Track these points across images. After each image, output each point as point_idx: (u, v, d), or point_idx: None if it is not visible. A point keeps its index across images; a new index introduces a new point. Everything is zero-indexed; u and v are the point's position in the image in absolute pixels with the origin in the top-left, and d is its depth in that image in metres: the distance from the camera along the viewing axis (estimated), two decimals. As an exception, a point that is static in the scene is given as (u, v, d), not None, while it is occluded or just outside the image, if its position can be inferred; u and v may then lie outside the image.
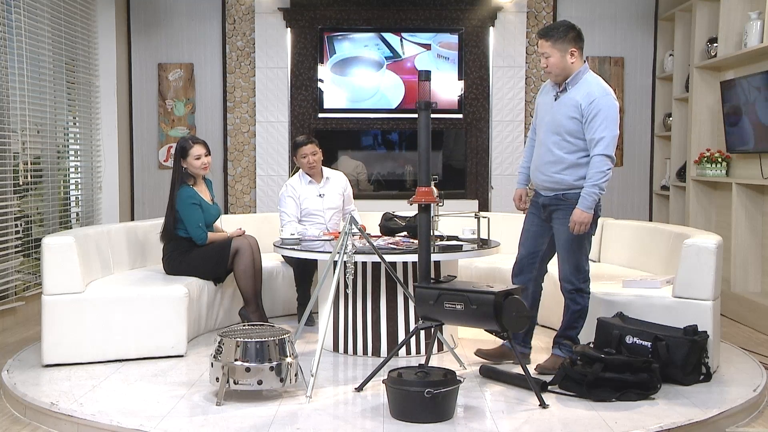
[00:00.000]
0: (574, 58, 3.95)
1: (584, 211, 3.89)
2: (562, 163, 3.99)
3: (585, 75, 3.99)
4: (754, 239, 5.93)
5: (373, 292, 4.41)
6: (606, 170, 3.87)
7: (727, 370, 4.20)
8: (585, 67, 4.00)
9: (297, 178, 5.40)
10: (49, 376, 4.07)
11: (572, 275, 4.03)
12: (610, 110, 3.88)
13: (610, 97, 3.93)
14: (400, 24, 7.55)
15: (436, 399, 3.29)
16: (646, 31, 7.72)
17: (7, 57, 5.58)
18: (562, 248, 4.05)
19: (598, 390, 3.63)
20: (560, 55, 3.94)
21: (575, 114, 3.93)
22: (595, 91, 3.91)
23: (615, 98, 3.96)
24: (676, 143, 7.22)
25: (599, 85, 3.97)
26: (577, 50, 3.95)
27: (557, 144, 3.99)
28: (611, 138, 3.87)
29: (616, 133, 3.90)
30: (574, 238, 3.97)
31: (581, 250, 4.02)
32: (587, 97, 3.90)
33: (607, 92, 3.94)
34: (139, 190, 7.75)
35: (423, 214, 3.87)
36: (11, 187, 5.59)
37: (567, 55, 3.94)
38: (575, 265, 4.02)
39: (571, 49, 3.94)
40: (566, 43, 3.94)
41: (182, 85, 7.66)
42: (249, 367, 3.51)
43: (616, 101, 3.96)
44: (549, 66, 3.98)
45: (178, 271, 4.81)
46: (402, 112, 7.59)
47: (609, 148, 3.87)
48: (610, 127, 3.87)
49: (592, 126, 3.88)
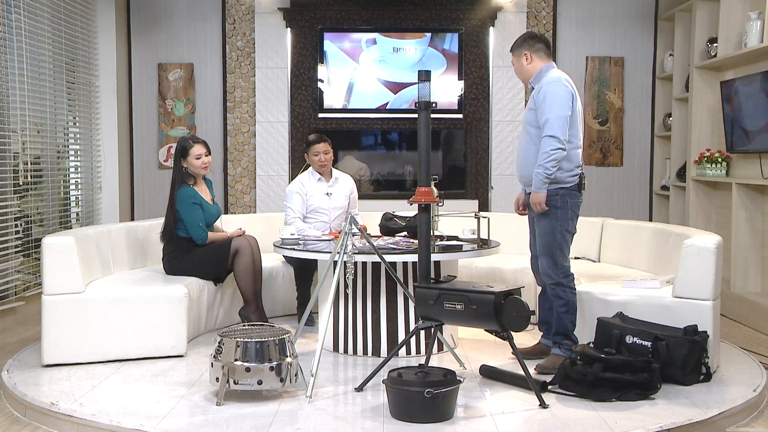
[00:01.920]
0: (530, 61, 4.21)
1: (535, 191, 4.06)
2: (528, 157, 4.16)
3: (548, 72, 4.18)
4: (754, 239, 5.93)
5: (373, 292, 4.41)
6: (550, 151, 3.98)
7: (727, 370, 4.20)
8: (548, 66, 4.21)
9: (306, 175, 5.43)
10: (49, 376, 4.07)
11: (550, 269, 4.13)
12: (555, 94, 4.06)
13: (558, 83, 4.09)
14: (400, 24, 7.56)
15: (436, 399, 3.29)
16: (646, 31, 7.72)
17: (7, 57, 5.58)
18: (539, 242, 4.20)
19: (598, 390, 3.63)
20: (517, 60, 4.27)
21: (532, 105, 4.15)
22: (546, 79, 4.13)
23: (567, 83, 4.11)
24: (676, 143, 7.22)
25: (555, 74, 4.16)
26: (530, 53, 4.21)
27: (525, 138, 4.23)
28: (555, 118, 4.00)
29: (562, 114, 4.02)
30: (548, 232, 4.11)
31: (555, 244, 4.12)
32: (539, 86, 4.14)
33: (557, 79, 4.11)
34: (139, 190, 7.75)
35: (423, 214, 3.87)
36: (11, 187, 5.59)
37: (522, 59, 4.24)
38: (552, 259, 4.13)
39: (524, 52, 4.22)
40: (520, 49, 4.25)
41: (182, 85, 7.66)
42: (249, 367, 3.51)
43: (568, 86, 4.10)
44: (516, 72, 4.32)
45: (178, 271, 4.81)
46: (402, 112, 7.59)
47: (554, 128, 3.99)
48: (554, 108, 4.02)
49: (540, 110, 4.07)
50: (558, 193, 4.08)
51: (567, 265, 4.16)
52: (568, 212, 4.11)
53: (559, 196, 4.08)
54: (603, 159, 7.73)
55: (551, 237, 4.11)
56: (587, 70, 7.70)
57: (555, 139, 3.98)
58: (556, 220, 4.10)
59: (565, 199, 4.09)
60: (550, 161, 3.99)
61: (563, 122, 4.00)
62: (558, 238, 4.10)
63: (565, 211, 4.10)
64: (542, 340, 4.39)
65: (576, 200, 4.14)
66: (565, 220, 4.10)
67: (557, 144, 3.98)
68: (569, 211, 4.11)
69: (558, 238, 4.10)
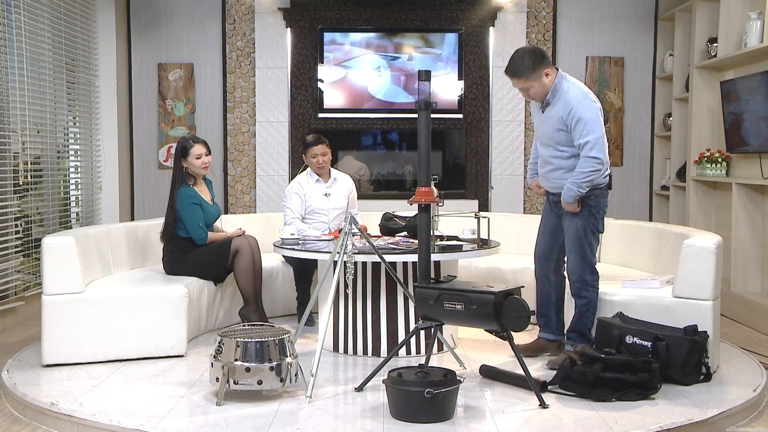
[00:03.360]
0: (549, 77, 4.10)
1: (566, 202, 4.10)
2: (561, 168, 4.18)
3: (562, 85, 4.12)
4: (754, 239, 5.92)
5: (373, 292, 4.41)
6: (589, 171, 4.01)
7: (727, 370, 4.20)
8: (560, 76, 4.14)
9: (305, 176, 5.42)
10: (49, 376, 4.07)
11: (578, 266, 4.14)
12: (589, 114, 4.02)
13: (587, 100, 4.05)
14: (400, 24, 7.55)
15: (436, 399, 3.29)
16: (646, 31, 7.72)
17: (7, 57, 5.58)
18: (569, 240, 4.21)
19: (598, 390, 3.63)
20: (538, 82, 4.09)
21: (561, 126, 4.10)
22: (572, 100, 4.05)
23: (593, 99, 4.10)
24: (676, 143, 7.22)
25: (577, 90, 4.09)
26: (548, 68, 4.09)
27: (552, 155, 4.21)
28: (594, 140, 3.99)
29: (600, 133, 4.02)
30: (580, 229, 4.13)
31: (586, 242, 4.16)
32: (566, 107, 4.05)
33: (584, 96, 4.07)
34: (139, 190, 7.75)
35: (423, 214, 3.87)
36: (11, 187, 5.59)
37: (543, 78, 4.09)
38: (581, 256, 4.14)
39: (544, 71, 4.08)
40: (538, 70, 4.07)
41: (182, 85, 7.66)
42: (249, 367, 3.51)
43: (595, 101, 4.09)
44: (533, 95, 4.16)
45: (178, 271, 4.81)
46: (402, 112, 7.59)
47: (594, 150, 4.00)
48: (592, 129, 4.00)
49: (576, 133, 4.03)
50: (593, 193, 4.13)
51: (594, 262, 4.19)
52: (600, 212, 4.18)
53: (594, 197, 4.14)
54: (603, 159, 7.72)
55: (583, 234, 4.15)
56: (587, 70, 7.70)
57: (597, 160, 4.00)
58: (588, 220, 4.15)
59: (599, 200, 4.16)
60: (586, 181, 4.03)
61: (603, 141, 4.03)
62: (589, 236, 4.16)
63: (597, 211, 4.16)
64: (541, 335, 4.41)
65: (606, 200, 4.22)
66: (597, 220, 4.18)
67: (598, 165, 4.01)
68: (601, 210, 4.19)
69: (589, 236, 4.16)
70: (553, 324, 4.40)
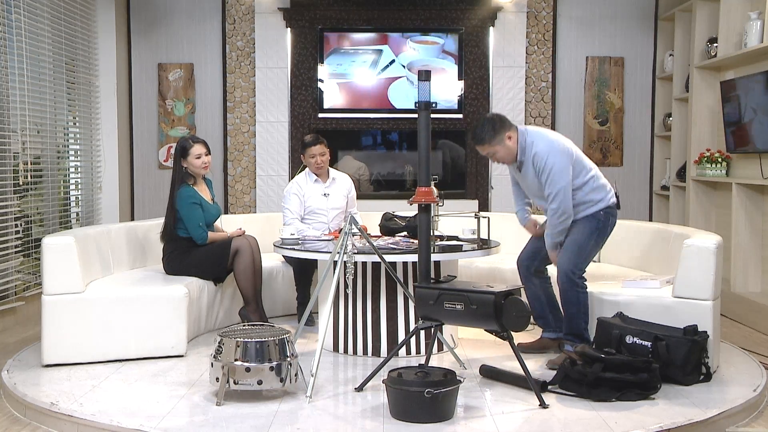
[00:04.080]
0: (512, 139, 4.18)
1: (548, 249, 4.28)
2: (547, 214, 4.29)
3: (527, 140, 4.20)
4: (754, 239, 5.93)
5: (373, 292, 4.41)
6: (557, 223, 4.17)
7: (727, 370, 4.20)
8: (522, 132, 4.22)
9: (303, 176, 5.41)
10: (49, 376, 4.07)
11: (569, 265, 4.17)
12: (553, 165, 4.11)
13: (553, 150, 4.15)
14: (400, 24, 7.55)
15: (436, 399, 3.29)
16: (646, 31, 7.72)
17: (7, 57, 5.58)
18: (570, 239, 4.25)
19: (598, 390, 3.63)
20: (502, 146, 4.17)
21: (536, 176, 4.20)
22: (538, 153, 4.14)
23: (559, 146, 4.17)
24: (676, 143, 7.22)
25: (542, 143, 4.18)
26: (510, 132, 4.18)
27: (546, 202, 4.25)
28: (556, 192, 4.12)
29: (562, 185, 4.12)
30: (584, 233, 4.21)
31: (585, 246, 4.22)
32: (535, 161, 4.16)
33: (550, 147, 4.16)
34: (139, 190, 7.75)
35: (423, 214, 3.87)
36: (11, 187, 5.59)
37: (507, 142, 4.17)
38: (575, 258, 4.18)
39: (506, 134, 4.16)
40: (500, 135, 4.16)
41: (182, 85, 7.66)
42: (249, 367, 3.51)
43: (561, 149, 4.17)
44: (500, 160, 4.25)
45: (178, 271, 4.81)
46: (402, 112, 7.59)
47: (555, 201, 4.13)
48: (555, 181, 4.11)
49: (542, 182, 4.17)
50: (601, 210, 4.24)
51: (583, 269, 4.23)
52: (607, 229, 4.29)
53: (603, 213, 4.25)
54: (603, 159, 7.73)
55: (585, 239, 4.21)
56: (587, 70, 7.71)
57: (558, 212, 4.14)
58: (593, 231, 4.23)
59: (608, 217, 4.27)
60: (557, 231, 4.19)
61: (566, 191, 4.13)
62: (589, 245, 4.23)
63: (604, 228, 4.27)
64: (544, 335, 4.43)
65: (615, 218, 4.32)
66: (602, 234, 4.27)
67: (564, 217, 4.15)
68: (609, 228, 4.29)
69: (589, 245, 4.23)
70: (551, 323, 4.42)
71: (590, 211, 4.23)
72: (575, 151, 4.25)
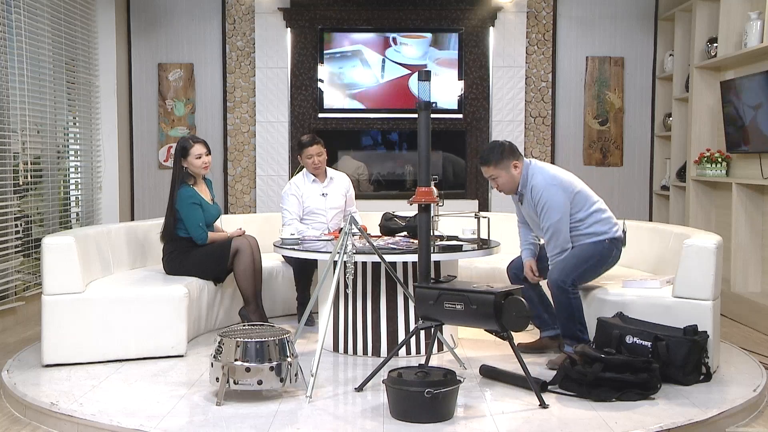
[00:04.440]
0: (517, 168, 4.24)
1: None
2: None
3: (528, 172, 4.25)
4: (754, 239, 5.93)
5: (373, 292, 4.41)
6: (553, 254, 4.23)
7: (727, 370, 4.20)
8: (526, 164, 4.27)
9: (301, 177, 5.40)
10: (49, 376, 4.07)
11: (559, 274, 4.15)
12: (549, 199, 4.16)
13: (551, 186, 4.19)
14: (400, 24, 7.55)
15: (436, 399, 3.29)
16: (646, 31, 7.72)
17: (7, 57, 5.58)
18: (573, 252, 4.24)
19: (598, 390, 3.63)
20: (505, 172, 4.23)
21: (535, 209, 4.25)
22: (536, 186, 4.20)
23: (556, 180, 4.22)
24: (676, 143, 7.22)
25: (541, 176, 4.23)
26: (517, 161, 4.24)
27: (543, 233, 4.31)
28: (549, 225, 4.19)
29: (556, 218, 4.17)
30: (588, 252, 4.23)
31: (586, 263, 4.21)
32: (533, 194, 4.22)
33: (547, 181, 4.22)
34: (139, 190, 7.75)
35: (423, 214, 3.87)
36: (11, 187, 5.59)
37: (512, 169, 4.23)
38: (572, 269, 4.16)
39: (513, 162, 4.23)
40: (506, 161, 4.22)
41: (182, 85, 7.66)
42: (249, 367, 3.51)
43: (557, 183, 4.21)
44: (500, 186, 4.30)
45: (178, 271, 4.81)
46: (402, 112, 7.59)
47: (549, 233, 4.20)
48: (549, 216, 4.17)
49: (539, 215, 4.23)
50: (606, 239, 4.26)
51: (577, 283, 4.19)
52: (608, 258, 4.29)
53: (607, 242, 4.26)
54: (603, 159, 7.73)
55: (585, 257, 4.21)
56: (587, 70, 7.70)
57: (554, 244, 4.20)
58: (597, 252, 4.24)
59: (611, 248, 4.28)
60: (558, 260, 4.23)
61: (559, 225, 4.18)
62: (589, 264, 4.22)
63: (607, 256, 4.27)
64: (543, 335, 4.43)
65: (619, 253, 4.33)
66: (602, 260, 4.27)
67: (558, 250, 4.21)
68: (610, 258, 4.29)
69: (589, 264, 4.22)
70: (547, 320, 4.43)
71: (593, 240, 4.24)
72: (578, 186, 4.28)
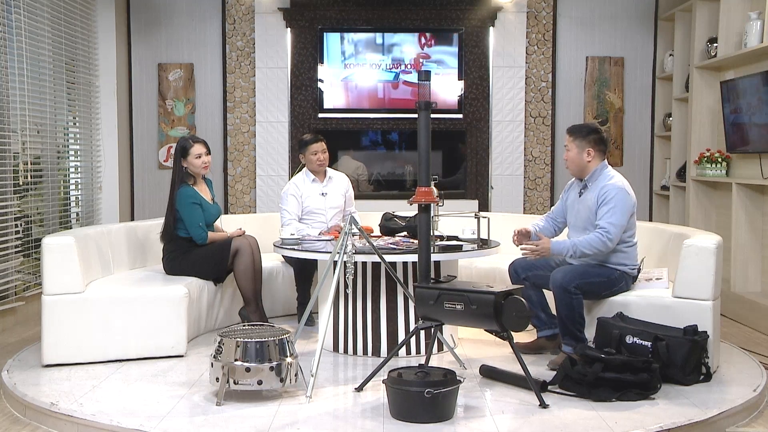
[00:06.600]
0: (591, 158, 4.28)
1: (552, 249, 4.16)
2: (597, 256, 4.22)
3: (603, 171, 4.28)
4: (754, 239, 5.92)
5: (373, 292, 4.41)
6: (597, 248, 4.10)
7: (727, 370, 4.20)
8: (603, 165, 4.30)
9: (300, 177, 5.41)
10: (49, 376, 4.07)
11: (563, 278, 4.10)
12: (620, 202, 4.14)
13: (624, 192, 4.18)
14: (400, 24, 7.56)
15: (436, 399, 3.29)
16: (646, 31, 7.72)
17: (7, 57, 5.58)
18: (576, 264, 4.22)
19: (598, 390, 3.63)
20: (578, 151, 4.29)
21: (592, 204, 4.23)
22: (610, 184, 4.20)
23: (632, 194, 4.23)
24: (676, 143, 7.22)
25: (621, 180, 4.26)
26: (594, 151, 4.27)
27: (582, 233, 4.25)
28: (615, 225, 4.10)
29: (623, 223, 4.14)
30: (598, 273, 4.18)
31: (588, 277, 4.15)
32: (606, 188, 4.19)
33: (622, 187, 4.20)
34: (139, 190, 7.75)
35: (423, 214, 3.87)
36: (11, 187, 5.59)
37: (584, 153, 4.28)
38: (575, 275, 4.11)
39: (588, 148, 4.27)
40: (585, 143, 4.28)
41: (182, 85, 7.66)
42: (249, 367, 3.51)
43: (630, 195, 4.21)
44: (567, 158, 4.34)
45: (178, 271, 4.81)
46: (402, 112, 7.59)
47: (611, 233, 4.09)
48: (617, 216, 4.12)
49: (602, 211, 4.16)
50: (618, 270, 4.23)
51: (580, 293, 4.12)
52: (614, 287, 4.23)
53: (618, 272, 4.23)
54: (603, 159, 7.73)
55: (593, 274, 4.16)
56: (587, 70, 7.70)
57: (610, 242, 4.11)
58: (607, 277, 4.20)
59: (622, 279, 4.24)
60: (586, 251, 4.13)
61: (620, 230, 4.14)
62: (596, 280, 4.17)
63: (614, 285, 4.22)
64: (540, 335, 4.42)
65: (626, 288, 4.27)
66: (609, 285, 4.22)
67: (605, 248, 4.12)
68: (617, 288, 4.24)
69: (596, 280, 4.17)
70: (544, 320, 4.41)
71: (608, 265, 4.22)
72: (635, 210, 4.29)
